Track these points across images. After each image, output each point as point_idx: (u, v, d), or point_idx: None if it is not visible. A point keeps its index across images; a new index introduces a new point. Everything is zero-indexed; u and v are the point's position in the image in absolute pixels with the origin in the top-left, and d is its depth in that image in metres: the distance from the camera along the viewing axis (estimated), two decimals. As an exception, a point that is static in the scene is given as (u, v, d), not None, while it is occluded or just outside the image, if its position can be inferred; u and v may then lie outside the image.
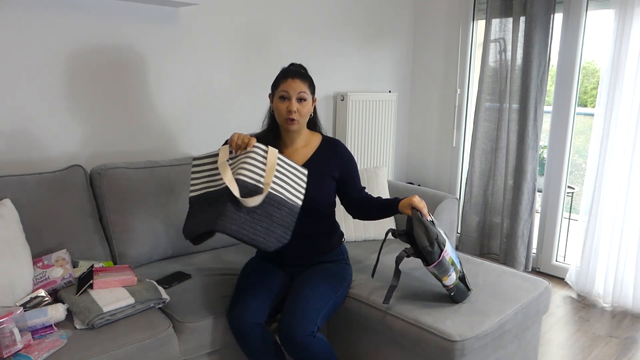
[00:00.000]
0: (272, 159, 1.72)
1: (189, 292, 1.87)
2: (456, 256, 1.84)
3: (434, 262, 1.69)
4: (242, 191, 1.64)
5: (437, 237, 1.72)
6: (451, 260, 1.76)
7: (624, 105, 2.67)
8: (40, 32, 2.07)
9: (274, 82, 1.87)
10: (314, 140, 1.95)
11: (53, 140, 2.18)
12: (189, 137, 2.62)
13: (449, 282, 1.76)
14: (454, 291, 1.79)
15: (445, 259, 1.72)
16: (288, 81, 1.81)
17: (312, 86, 1.87)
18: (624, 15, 2.61)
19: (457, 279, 1.78)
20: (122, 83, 2.34)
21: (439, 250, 1.70)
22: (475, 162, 3.34)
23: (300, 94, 1.81)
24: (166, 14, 2.42)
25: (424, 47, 3.66)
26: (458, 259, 1.84)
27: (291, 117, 1.81)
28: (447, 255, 1.73)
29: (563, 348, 2.39)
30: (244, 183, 1.65)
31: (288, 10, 2.90)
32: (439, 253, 1.70)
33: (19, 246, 1.73)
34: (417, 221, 1.74)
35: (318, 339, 1.67)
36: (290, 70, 1.85)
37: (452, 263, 1.76)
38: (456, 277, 1.77)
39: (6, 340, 1.42)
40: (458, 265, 1.80)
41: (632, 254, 2.72)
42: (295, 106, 1.80)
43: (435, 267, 1.71)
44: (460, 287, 1.80)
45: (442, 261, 1.71)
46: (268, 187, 1.67)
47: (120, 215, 2.08)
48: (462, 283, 1.82)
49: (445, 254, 1.72)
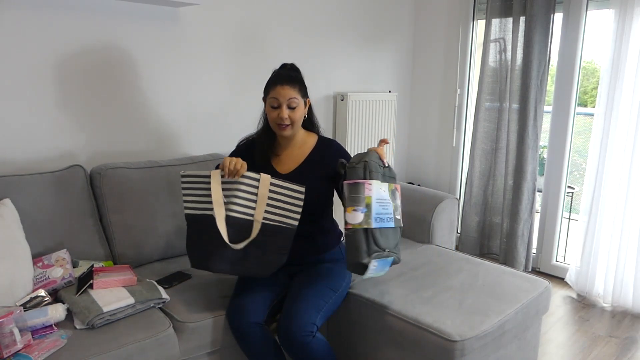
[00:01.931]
0: (264, 190, 1.75)
1: (189, 292, 1.87)
2: (384, 210, 1.64)
3: (349, 180, 1.62)
4: (234, 227, 1.70)
5: (371, 168, 1.64)
6: (369, 199, 1.60)
7: (624, 105, 2.67)
8: (39, 33, 2.07)
9: (265, 87, 1.86)
10: (309, 140, 1.95)
11: (53, 140, 2.18)
12: (189, 137, 2.62)
13: (351, 219, 1.59)
14: (350, 237, 1.60)
15: (361, 187, 1.60)
16: (277, 88, 1.80)
17: (303, 89, 1.85)
18: (624, 15, 2.61)
19: (363, 228, 1.59)
20: (122, 83, 2.34)
21: (362, 175, 1.62)
22: (475, 162, 3.34)
23: (290, 100, 1.79)
24: (166, 14, 2.42)
25: (424, 47, 3.66)
26: (389, 218, 1.65)
27: (283, 123, 1.81)
28: (367, 188, 1.60)
29: (563, 348, 2.39)
30: (236, 219, 1.71)
31: (288, 10, 2.90)
32: (359, 177, 1.61)
33: (19, 246, 1.73)
34: (368, 152, 1.71)
35: (317, 339, 1.67)
36: (280, 75, 1.83)
37: (368, 205, 1.59)
38: (362, 220, 1.58)
39: (6, 340, 1.42)
40: (377, 220, 1.61)
41: (632, 254, 2.72)
42: (286, 113, 1.80)
43: (347, 186, 1.62)
44: (358, 238, 1.59)
45: (356, 186, 1.60)
46: (259, 222, 1.71)
47: (120, 215, 2.08)
48: (365, 240, 1.60)
49: (367, 185, 1.61)
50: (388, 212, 1.69)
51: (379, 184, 1.67)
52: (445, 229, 2.57)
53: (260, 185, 1.74)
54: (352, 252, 1.61)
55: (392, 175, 1.82)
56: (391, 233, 1.71)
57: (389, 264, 1.70)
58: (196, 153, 2.65)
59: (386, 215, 1.68)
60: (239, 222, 1.71)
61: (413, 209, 2.57)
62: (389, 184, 1.76)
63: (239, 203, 1.71)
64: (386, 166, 1.78)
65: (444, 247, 2.46)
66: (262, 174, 1.75)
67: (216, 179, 1.74)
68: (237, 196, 1.71)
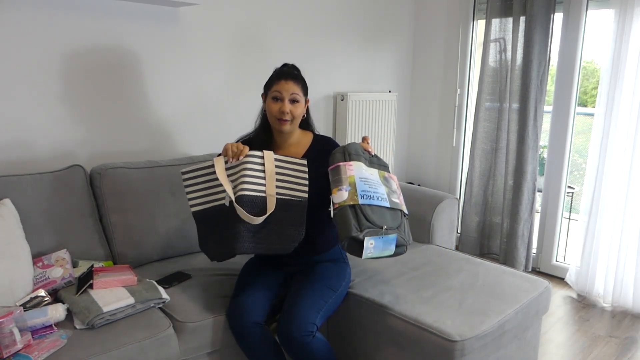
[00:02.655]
0: (270, 165, 1.75)
1: (189, 292, 1.87)
2: (371, 189, 1.64)
3: (331, 165, 1.68)
4: (249, 205, 1.68)
5: (350, 151, 1.70)
6: (351, 177, 1.61)
7: (624, 105, 2.67)
8: (39, 33, 2.07)
9: (267, 82, 1.88)
10: (305, 139, 1.96)
11: (53, 140, 2.18)
12: (189, 137, 2.62)
13: (337, 199, 1.60)
14: (337, 214, 1.59)
15: (342, 169, 1.64)
16: (281, 82, 1.82)
17: (305, 88, 1.88)
18: (624, 15, 2.61)
19: (349, 204, 1.58)
20: (122, 83, 2.34)
21: (341, 158, 1.68)
22: (475, 162, 3.34)
23: (293, 95, 1.82)
24: (166, 14, 2.42)
25: (424, 47, 3.66)
26: (379, 197, 1.64)
27: (283, 117, 1.82)
28: (348, 169, 1.63)
29: (563, 348, 2.39)
30: (249, 197, 1.69)
31: (288, 10, 2.90)
32: (339, 160, 1.67)
33: (19, 246, 1.73)
34: (348, 143, 1.78)
35: (317, 339, 1.67)
36: (284, 71, 1.86)
37: (352, 183, 1.60)
38: (348, 198, 1.58)
39: (6, 340, 1.42)
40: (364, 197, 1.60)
41: (632, 254, 2.72)
42: (288, 107, 1.82)
43: (330, 171, 1.68)
44: (345, 213, 1.57)
45: (337, 168, 1.65)
46: (274, 197, 1.71)
47: (120, 215, 2.08)
48: (354, 215, 1.58)
49: (348, 166, 1.63)
50: (377, 192, 1.66)
51: (361, 166, 1.69)
52: (445, 229, 2.57)
53: (265, 161, 1.75)
54: (342, 228, 1.57)
55: (382, 164, 1.84)
56: (388, 213, 1.66)
57: (391, 243, 1.61)
58: (196, 153, 2.65)
59: (375, 193, 1.65)
60: (252, 199, 1.69)
61: (413, 209, 2.56)
62: (379, 170, 1.78)
63: (248, 182, 1.70)
64: (372, 155, 1.82)
65: (444, 247, 2.46)
66: (264, 151, 1.76)
67: (220, 165, 1.74)
68: (246, 175, 1.71)
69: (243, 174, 1.71)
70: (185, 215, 2.22)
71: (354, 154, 1.72)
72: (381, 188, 1.70)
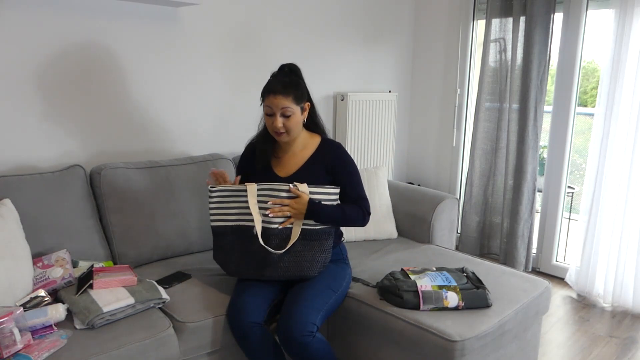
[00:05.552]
0: (253, 199, 1.82)
1: (189, 292, 1.87)
2: (444, 279, 1.84)
3: (417, 306, 1.77)
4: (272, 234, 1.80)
5: (400, 287, 1.80)
6: (435, 287, 1.78)
7: (624, 105, 2.67)
8: (38, 32, 2.07)
9: (262, 91, 1.85)
10: (312, 142, 1.94)
11: (53, 140, 2.18)
12: (189, 137, 2.62)
13: (453, 303, 1.77)
14: (466, 300, 1.78)
15: (426, 291, 1.77)
16: (270, 97, 1.79)
17: (298, 97, 1.81)
18: (624, 15, 2.61)
19: (459, 294, 1.78)
20: (122, 83, 2.34)
21: (412, 295, 1.78)
22: (475, 162, 3.34)
23: (283, 110, 1.78)
24: (166, 14, 2.42)
25: (424, 47, 3.66)
26: (449, 279, 1.85)
27: (278, 132, 1.82)
28: (425, 288, 1.78)
29: (563, 348, 2.39)
30: (272, 229, 1.80)
31: (288, 10, 2.90)
32: (413, 295, 1.78)
33: (19, 246, 1.73)
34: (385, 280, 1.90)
35: (317, 339, 1.67)
36: (273, 83, 1.80)
37: (440, 287, 1.79)
38: (456, 294, 1.77)
39: (6, 340, 1.42)
40: (450, 283, 1.82)
41: (632, 254, 2.71)
42: (280, 122, 1.80)
43: (424, 305, 1.76)
44: (467, 294, 1.78)
45: (424, 296, 1.76)
46: (299, 227, 1.80)
47: (120, 215, 2.08)
48: (467, 289, 1.80)
49: (424, 287, 1.78)
50: (441, 274, 1.91)
51: (428, 275, 1.89)
52: (445, 229, 2.57)
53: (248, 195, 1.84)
54: (480, 298, 1.81)
55: (424, 269, 1.98)
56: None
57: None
58: (196, 153, 2.65)
59: (443, 275, 1.91)
60: (280, 232, 1.80)
61: (413, 209, 2.56)
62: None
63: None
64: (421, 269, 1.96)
65: (444, 247, 2.46)
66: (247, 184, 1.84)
67: (252, 192, 1.82)
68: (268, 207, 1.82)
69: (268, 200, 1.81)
70: (185, 215, 2.22)
71: (410, 285, 1.81)
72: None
